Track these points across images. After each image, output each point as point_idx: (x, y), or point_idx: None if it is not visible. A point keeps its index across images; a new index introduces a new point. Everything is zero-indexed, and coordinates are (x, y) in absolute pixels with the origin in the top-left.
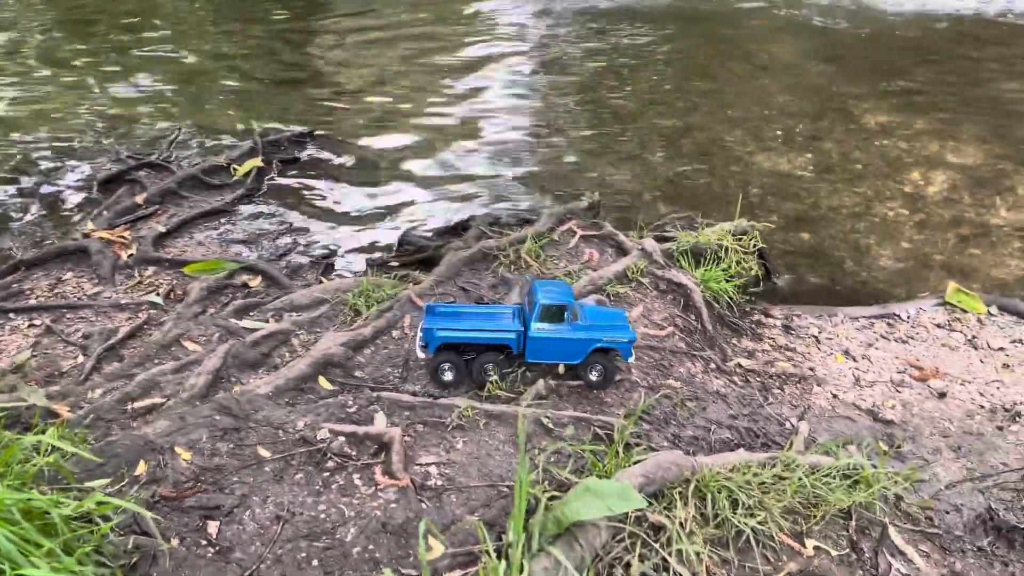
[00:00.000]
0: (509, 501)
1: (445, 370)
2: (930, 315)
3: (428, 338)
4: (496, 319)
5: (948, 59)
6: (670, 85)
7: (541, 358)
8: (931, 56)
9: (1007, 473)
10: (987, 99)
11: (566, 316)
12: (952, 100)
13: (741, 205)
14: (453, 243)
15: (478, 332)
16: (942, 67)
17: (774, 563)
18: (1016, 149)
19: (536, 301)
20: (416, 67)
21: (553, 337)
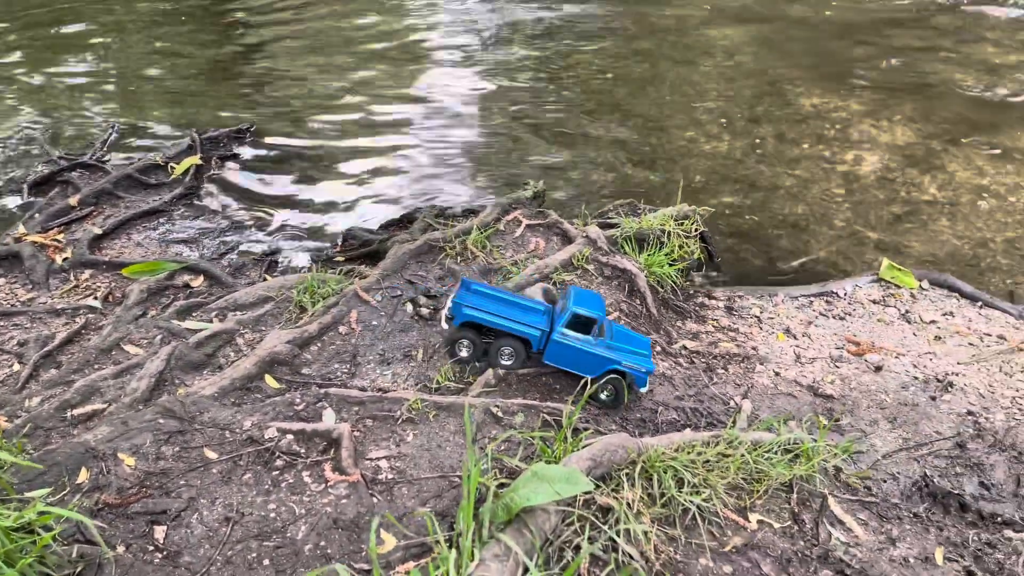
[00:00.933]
0: (460, 491)
1: (463, 346)
2: (866, 291)
3: (455, 311)
4: (525, 312)
5: (880, 41)
6: (612, 73)
7: (558, 363)
8: (863, 38)
9: (940, 441)
10: (916, 80)
11: (593, 330)
12: (884, 82)
13: (684, 190)
14: (399, 236)
15: (504, 319)
16: (875, 49)
17: (719, 538)
18: (944, 129)
19: (568, 307)
20: (360, 59)
21: (575, 346)
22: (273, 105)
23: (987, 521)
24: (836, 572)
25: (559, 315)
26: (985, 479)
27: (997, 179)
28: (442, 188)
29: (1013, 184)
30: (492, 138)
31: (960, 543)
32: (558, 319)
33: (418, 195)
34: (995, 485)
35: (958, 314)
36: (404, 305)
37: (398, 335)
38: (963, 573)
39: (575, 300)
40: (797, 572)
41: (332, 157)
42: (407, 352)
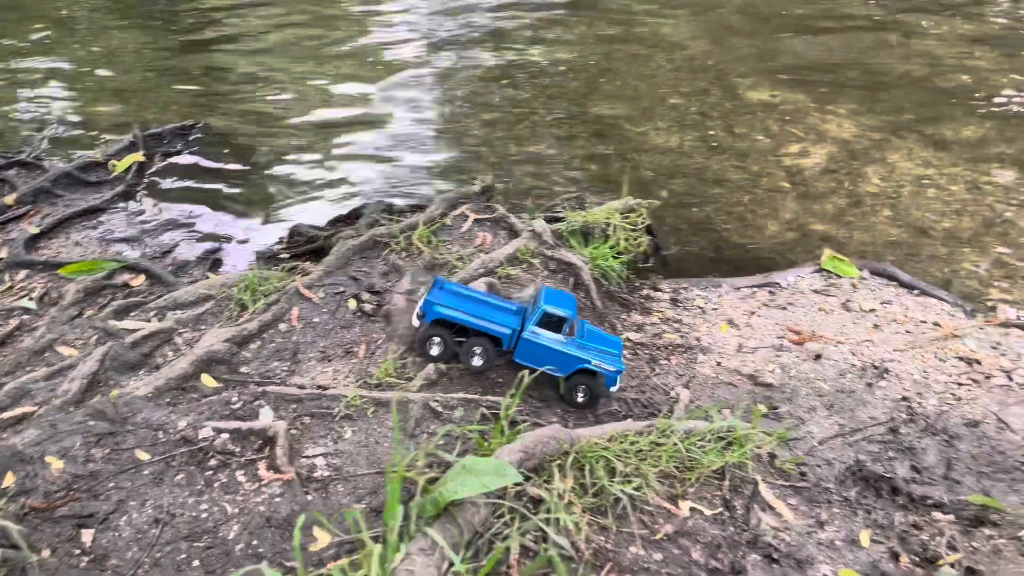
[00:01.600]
0: None
1: (434, 343)
2: (808, 282)
3: (426, 309)
4: (497, 312)
5: (826, 35)
6: (563, 67)
7: (528, 361)
8: (810, 33)
9: (875, 427)
10: (861, 73)
11: (564, 328)
12: (829, 75)
13: (633, 184)
14: (344, 232)
15: (474, 318)
16: (820, 43)
17: (651, 526)
18: (887, 121)
19: (539, 306)
20: (308, 56)
21: (545, 345)
22: (220, 102)
23: (917, 504)
24: (764, 556)
25: (530, 315)
26: (917, 463)
27: (938, 170)
28: (392, 184)
29: (953, 175)
30: (442, 134)
31: (887, 525)
32: (529, 318)
33: (367, 191)
34: (926, 468)
35: (896, 302)
36: (347, 301)
37: (340, 332)
38: (888, 554)
39: (546, 299)
40: (726, 557)
41: (280, 154)
42: (349, 349)
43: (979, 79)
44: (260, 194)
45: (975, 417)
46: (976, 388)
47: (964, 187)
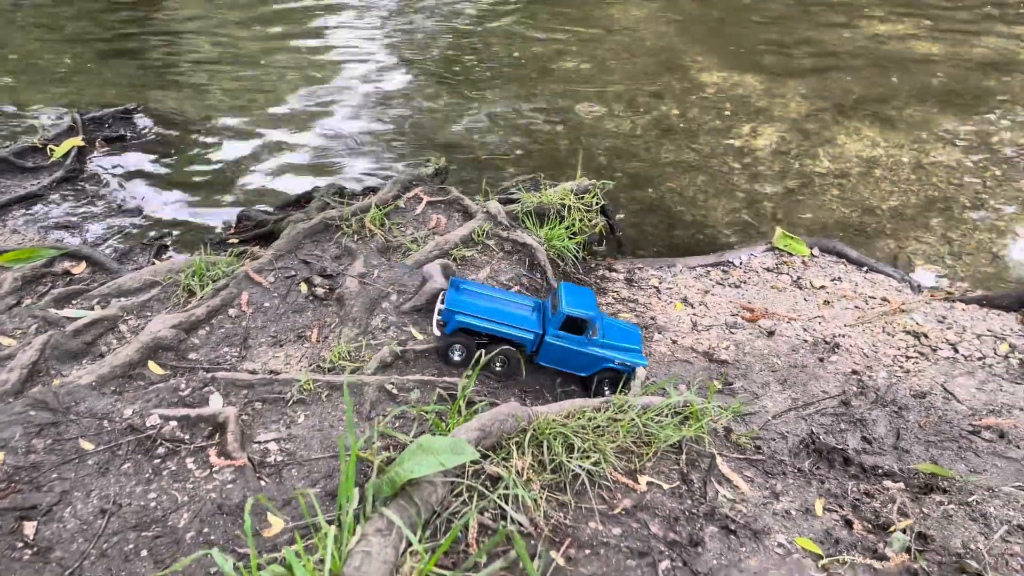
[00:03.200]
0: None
1: (456, 351)
2: (760, 260)
3: (447, 318)
4: (517, 314)
5: (775, 19)
6: (518, 52)
7: (551, 363)
8: (760, 16)
9: (827, 400)
10: (810, 56)
11: (587, 329)
12: (779, 58)
13: (588, 165)
14: (294, 215)
15: (498, 325)
16: (771, 26)
17: (609, 501)
18: (835, 103)
19: (561, 309)
20: (256, 36)
21: (569, 347)
22: (165, 84)
23: (868, 473)
24: (721, 528)
25: (551, 315)
26: (867, 434)
27: (884, 150)
28: (344, 167)
29: (898, 154)
30: (396, 117)
31: (840, 494)
32: (550, 320)
33: (318, 174)
34: (876, 439)
35: (846, 279)
36: (298, 285)
37: (292, 316)
38: (841, 522)
39: (567, 300)
40: (684, 530)
41: (227, 137)
42: (301, 333)
43: (923, 60)
44: (207, 178)
45: (923, 388)
46: (923, 361)
47: (910, 166)
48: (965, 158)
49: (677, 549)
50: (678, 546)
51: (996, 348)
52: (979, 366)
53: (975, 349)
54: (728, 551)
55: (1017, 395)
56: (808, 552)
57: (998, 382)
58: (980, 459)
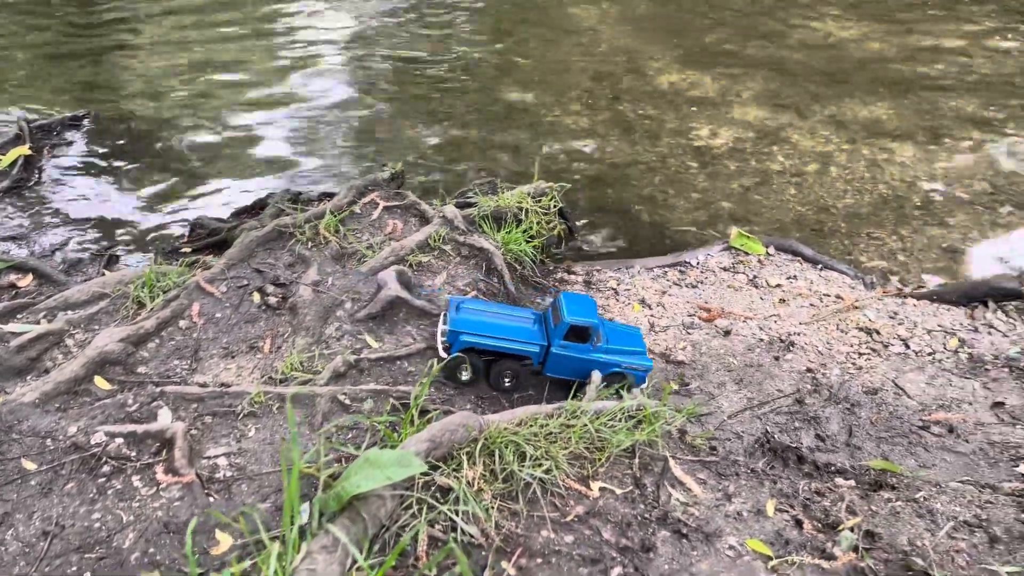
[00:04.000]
0: (304, 484)
1: (463, 370)
2: (717, 260)
3: (451, 339)
4: (520, 327)
5: (733, 19)
6: (478, 53)
7: (559, 373)
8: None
9: (781, 399)
10: (766, 56)
11: (591, 336)
12: (736, 58)
13: (545, 167)
14: (248, 223)
15: (504, 341)
16: (728, 26)
17: (561, 508)
18: (791, 102)
19: (563, 318)
20: (212, 38)
21: (574, 356)
22: (115, 91)
23: (822, 471)
24: (673, 532)
25: (554, 326)
26: (821, 431)
27: (838, 148)
28: (300, 172)
29: (852, 152)
30: (354, 121)
31: (791, 494)
32: (554, 331)
33: (274, 180)
34: (829, 436)
35: (801, 277)
36: (251, 295)
37: (244, 326)
38: (792, 522)
39: (569, 310)
40: (636, 535)
41: (181, 144)
42: (253, 344)
43: (877, 58)
44: (159, 187)
45: (874, 385)
46: (875, 357)
47: (863, 164)
48: (917, 154)
49: (629, 555)
50: (630, 552)
51: (946, 343)
52: (929, 361)
53: (926, 344)
54: (680, 555)
55: (966, 390)
56: (759, 554)
57: (947, 377)
58: (930, 454)
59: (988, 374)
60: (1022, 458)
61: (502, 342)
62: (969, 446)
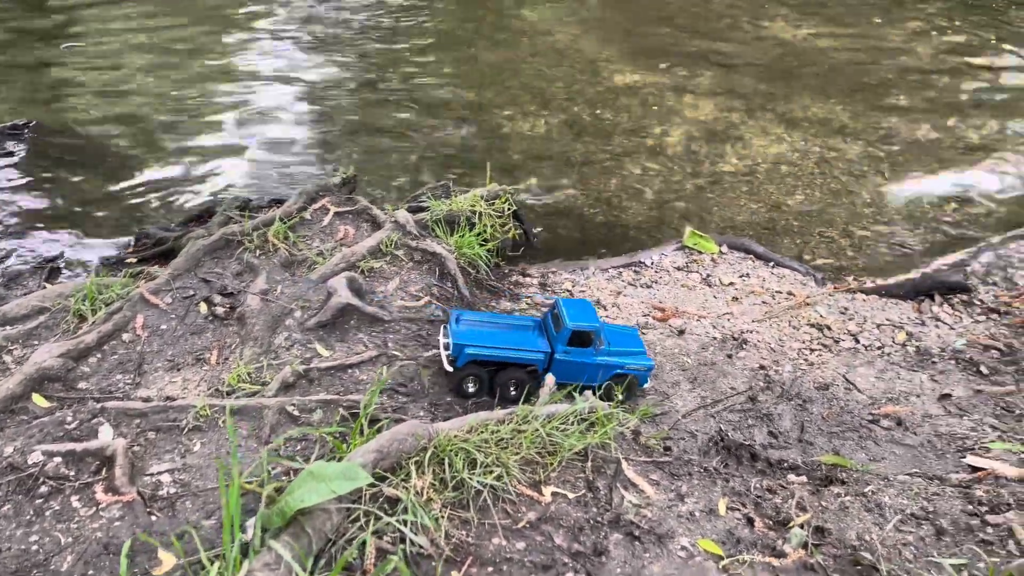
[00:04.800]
0: (251, 499)
1: (469, 383)
2: (671, 259)
3: (456, 353)
4: (522, 336)
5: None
6: (433, 56)
7: (564, 379)
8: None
9: (735, 397)
10: (718, 56)
11: (593, 340)
12: (689, 59)
13: (501, 169)
14: (195, 232)
15: (509, 351)
16: (680, 27)
17: (513, 515)
18: (742, 102)
19: (565, 324)
20: (160, 47)
21: (579, 361)
22: (57, 98)
23: (775, 468)
24: (626, 534)
25: (555, 332)
26: (774, 428)
27: (790, 146)
28: (249, 179)
29: (803, 150)
30: (307, 125)
31: (743, 492)
32: (556, 337)
33: (222, 187)
34: (782, 433)
35: (753, 275)
36: (198, 305)
37: (190, 338)
38: (743, 520)
39: (570, 315)
40: (588, 539)
41: (127, 152)
42: (200, 355)
43: (825, 57)
44: (104, 195)
45: (826, 380)
46: (826, 353)
47: (814, 162)
48: (865, 151)
49: (581, 560)
50: (582, 556)
51: (894, 337)
52: (878, 355)
53: (875, 339)
54: (632, 558)
55: (914, 382)
56: (710, 554)
57: (896, 370)
58: (879, 447)
59: (935, 366)
60: (969, 449)
61: (507, 352)
62: (917, 438)
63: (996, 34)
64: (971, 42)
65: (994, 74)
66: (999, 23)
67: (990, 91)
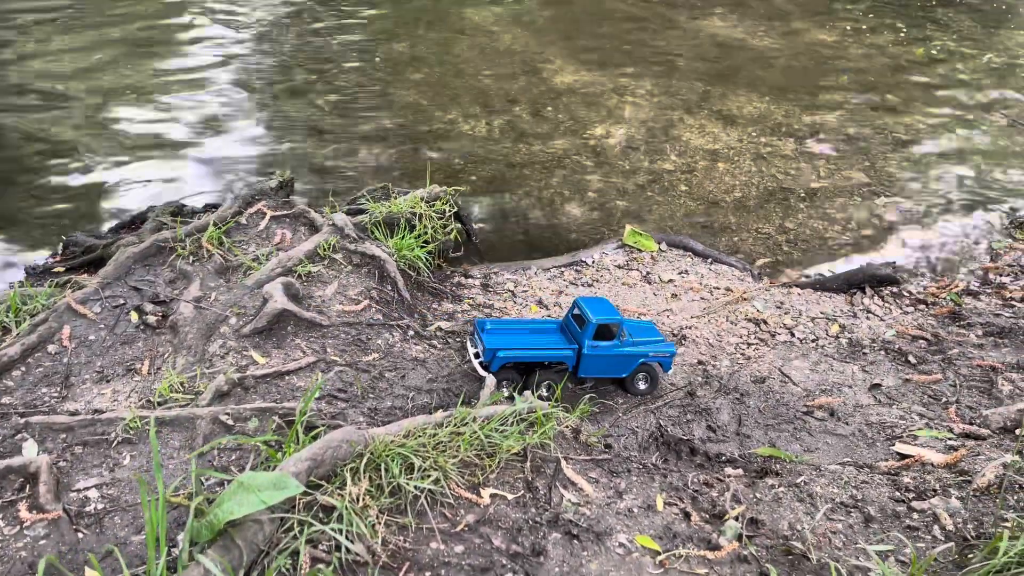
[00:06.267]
0: (183, 512)
1: (505, 386)
2: (612, 258)
3: (489, 357)
4: (548, 337)
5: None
6: (373, 58)
7: (591, 373)
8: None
9: (674, 392)
10: (657, 55)
11: (617, 334)
12: (628, 58)
13: (443, 171)
14: (125, 239)
15: (540, 351)
16: (619, 27)
17: (452, 518)
18: (680, 100)
19: (588, 320)
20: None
21: (606, 355)
22: None
23: (713, 461)
24: (564, 533)
25: (579, 330)
26: (712, 422)
27: (727, 143)
28: (185, 184)
29: (739, 148)
30: (243, 128)
31: (681, 487)
32: (581, 334)
33: (156, 193)
34: (720, 427)
35: (692, 271)
36: (128, 314)
37: (120, 348)
38: (680, 515)
39: (592, 311)
40: (527, 540)
41: (55, 155)
42: (131, 366)
43: (760, 56)
44: (30, 202)
45: (762, 374)
46: (763, 346)
47: (750, 158)
48: (800, 148)
49: (520, 561)
50: (521, 557)
51: (828, 329)
52: (813, 348)
53: (809, 332)
54: (570, 556)
55: (846, 373)
56: (647, 549)
57: (829, 362)
58: (813, 438)
59: (866, 357)
60: (897, 437)
61: (539, 352)
62: (849, 428)
63: (924, 32)
64: (901, 40)
65: (922, 71)
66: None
67: (919, 87)
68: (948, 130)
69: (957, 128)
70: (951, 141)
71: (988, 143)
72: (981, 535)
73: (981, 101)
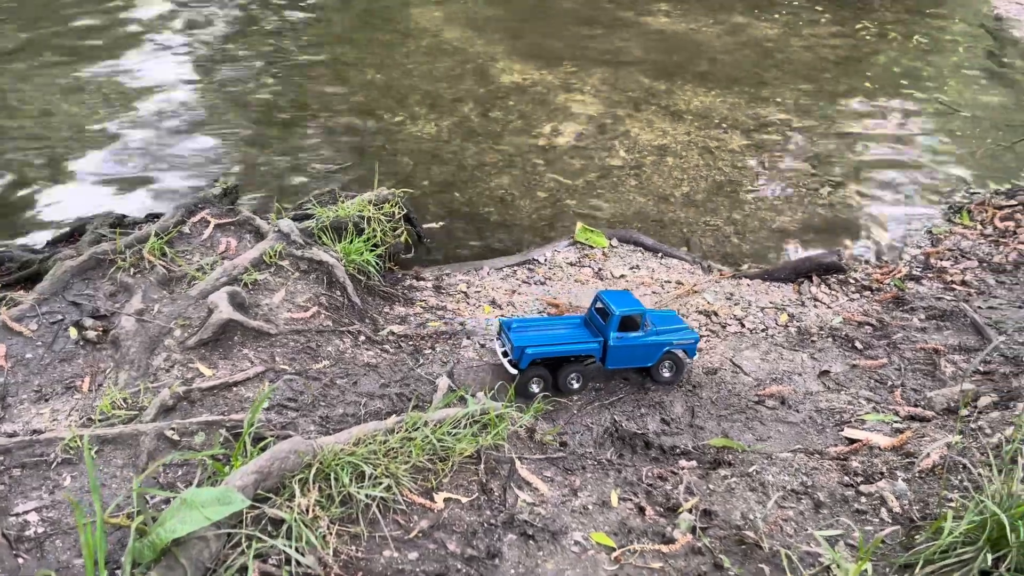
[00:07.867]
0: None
1: (534, 383)
2: (564, 255)
3: (517, 355)
4: (574, 331)
5: (569, 17)
6: (318, 59)
7: (619, 364)
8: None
9: (627, 387)
10: (602, 52)
11: (641, 323)
12: (576, 55)
13: (392, 173)
14: (63, 252)
15: (568, 346)
16: (564, 25)
17: (405, 525)
18: (628, 96)
19: (612, 312)
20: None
21: (631, 345)
22: None
23: (667, 454)
24: (520, 534)
25: (603, 322)
26: (666, 415)
27: (674, 139)
28: (126, 194)
29: (687, 143)
30: (185, 135)
31: (635, 482)
32: (606, 327)
33: (96, 204)
34: (674, 419)
35: (643, 266)
36: (67, 330)
37: (59, 366)
38: (635, 510)
39: (615, 303)
40: (481, 543)
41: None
42: (70, 384)
43: (704, 51)
44: None
45: (714, 365)
46: (714, 338)
47: (697, 153)
48: (746, 141)
49: (475, 564)
50: (476, 561)
51: (777, 319)
52: (763, 338)
53: (759, 322)
54: (526, 557)
55: (796, 361)
56: (603, 546)
57: (779, 351)
58: (765, 427)
59: (814, 345)
60: (846, 422)
61: (567, 347)
62: (799, 415)
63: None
64: (841, 33)
65: (863, 64)
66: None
67: (860, 79)
68: (887, 118)
69: (896, 116)
70: (891, 128)
71: (927, 129)
72: (927, 516)
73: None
